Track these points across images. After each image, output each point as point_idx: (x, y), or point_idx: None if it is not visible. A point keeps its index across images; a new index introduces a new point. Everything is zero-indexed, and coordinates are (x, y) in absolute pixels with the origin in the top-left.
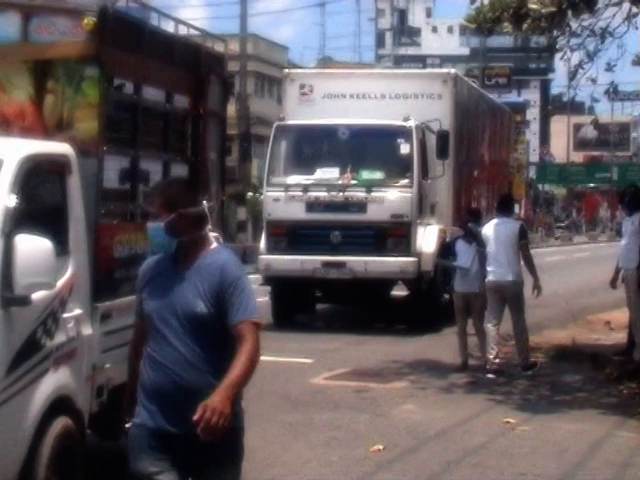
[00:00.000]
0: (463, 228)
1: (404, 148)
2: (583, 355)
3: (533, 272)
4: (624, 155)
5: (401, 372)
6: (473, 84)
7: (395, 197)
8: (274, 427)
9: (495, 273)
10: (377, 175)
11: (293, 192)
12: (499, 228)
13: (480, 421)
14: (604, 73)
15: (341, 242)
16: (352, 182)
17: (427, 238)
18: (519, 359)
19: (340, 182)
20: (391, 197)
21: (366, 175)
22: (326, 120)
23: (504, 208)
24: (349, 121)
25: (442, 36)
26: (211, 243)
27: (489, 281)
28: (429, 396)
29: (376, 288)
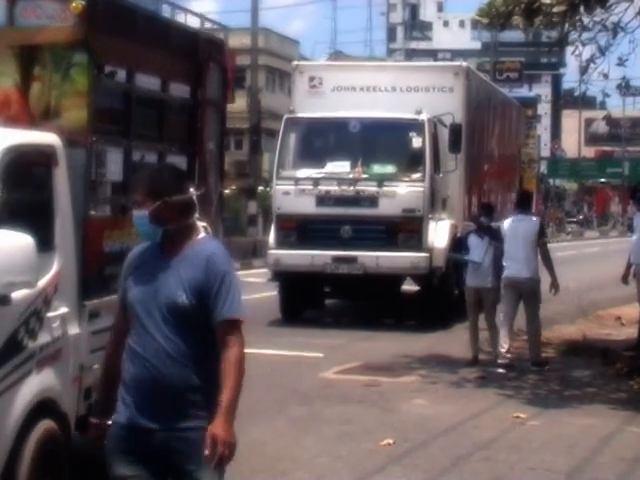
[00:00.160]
0: (475, 222)
1: (416, 142)
2: (593, 350)
3: (551, 270)
4: (635, 150)
5: (411, 366)
6: (484, 77)
7: (407, 191)
8: (284, 421)
9: (512, 269)
10: (388, 169)
11: (303, 186)
12: (517, 224)
13: (490, 416)
14: (616, 68)
15: (352, 237)
16: (363, 176)
17: (439, 233)
18: (530, 355)
19: (351, 176)
20: (403, 191)
21: (377, 169)
22: (337, 113)
23: (523, 204)
24: (361, 114)
25: (453, 30)
26: (198, 233)
27: (506, 277)
28: (439, 390)
29: (387, 283)
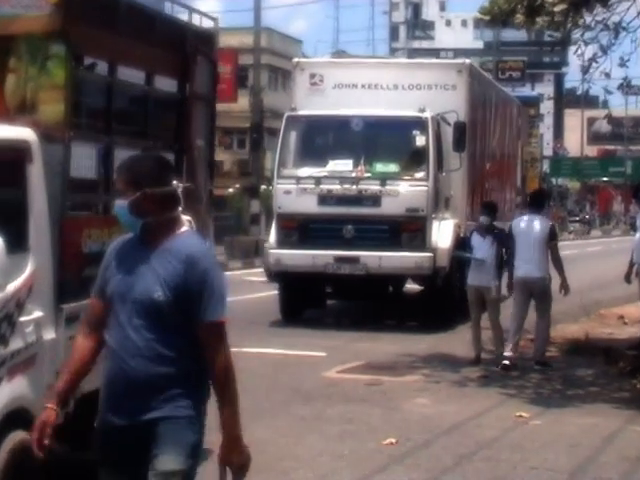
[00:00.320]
0: (478, 222)
1: (419, 140)
2: (596, 349)
3: (561, 272)
4: (638, 149)
5: (414, 366)
6: (486, 75)
7: (410, 190)
8: (286, 420)
9: (523, 269)
10: (391, 168)
11: (304, 185)
12: (529, 224)
13: (493, 415)
14: (618, 67)
15: (354, 237)
16: (366, 175)
17: (442, 233)
18: (535, 354)
19: (353, 175)
20: (406, 190)
21: (380, 167)
22: (340, 111)
23: (536, 204)
24: (363, 112)
25: (456, 30)
26: (181, 226)
27: (517, 277)
28: (442, 390)
29: (389, 284)
